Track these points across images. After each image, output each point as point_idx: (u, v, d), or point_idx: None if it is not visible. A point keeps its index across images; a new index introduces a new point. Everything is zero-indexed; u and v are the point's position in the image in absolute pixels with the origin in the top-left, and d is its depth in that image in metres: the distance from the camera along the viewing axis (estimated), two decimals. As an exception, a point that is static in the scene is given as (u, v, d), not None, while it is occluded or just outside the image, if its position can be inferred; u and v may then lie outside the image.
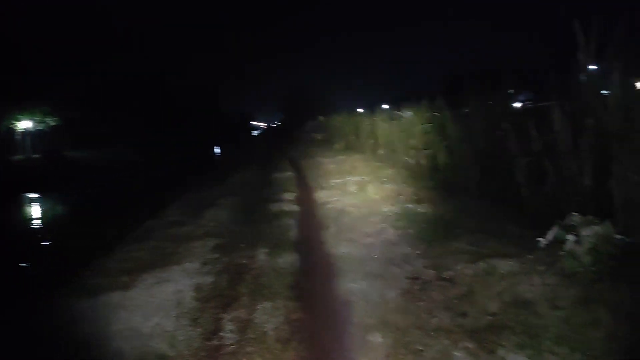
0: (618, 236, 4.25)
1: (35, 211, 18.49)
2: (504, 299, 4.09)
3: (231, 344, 3.72)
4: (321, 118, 35.98)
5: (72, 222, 13.66)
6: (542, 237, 4.83)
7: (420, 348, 3.38)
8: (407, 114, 13.70)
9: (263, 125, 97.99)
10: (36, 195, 21.27)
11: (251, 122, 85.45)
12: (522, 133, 6.98)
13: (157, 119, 41.34)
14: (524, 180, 6.71)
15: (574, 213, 4.60)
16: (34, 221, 16.33)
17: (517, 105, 11.63)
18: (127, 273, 5.44)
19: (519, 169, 6.71)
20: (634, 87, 4.94)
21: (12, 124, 33.95)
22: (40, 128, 35.28)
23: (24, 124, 34.47)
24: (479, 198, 7.98)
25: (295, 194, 10.85)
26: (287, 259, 5.74)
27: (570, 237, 4.48)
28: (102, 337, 3.85)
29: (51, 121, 35.12)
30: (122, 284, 5.07)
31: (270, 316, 4.14)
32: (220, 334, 3.90)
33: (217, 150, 41.55)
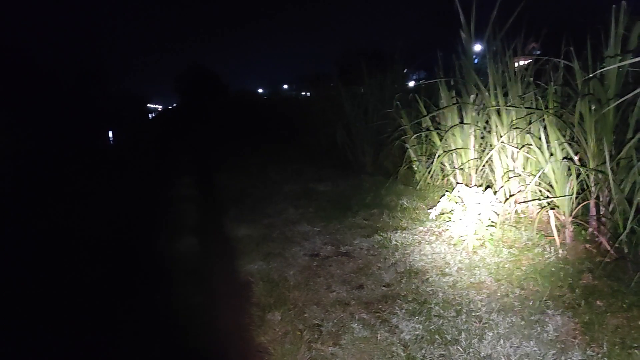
0: (498, 204, 4.58)
1: None
2: (398, 269, 4.27)
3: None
4: (220, 99, 35.17)
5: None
6: (432, 209, 5.09)
7: (318, 323, 3.43)
8: (307, 93, 13.77)
9: (159, 107, 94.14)
10: None
11: (147, 105, 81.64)
12: (413, 110, 7.29)
13: (41, 104, 38.06)
14: (414, 155, 7.02)
15: (460, 183, 4.88)
16: None
17: (412, 83, 12.07)
18: None
19: (410, 145, 7.00)
20: (510, 65, 5.28)
21: None
22: None
23: None
24: (375, 174, 8.24)
25: (194, 177, 10.58)
26: (185, 244, 5.59)
27: (457, 207, 4.76)
28: None
29: None
30: None
31: (167, 302, 4.02)
32: (113, 325, 3.72)
33: (110, 134, 39.22)
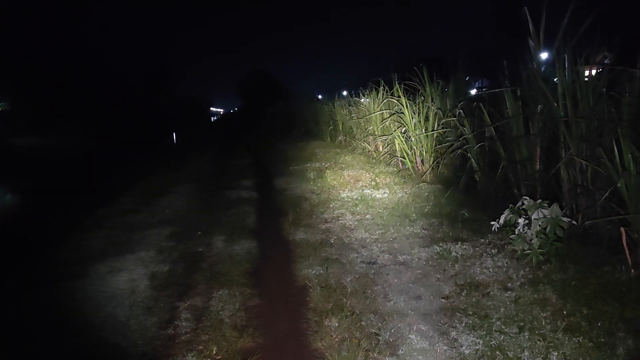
0: (565, 219, 4.40)
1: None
2: (458, 281, 4.19)
3: (186, 332, 3.67)
4: (280, 104, 35.65)
5: (21, 211, 13.16)
6: (495, 221, 4.95)
7: (375, 332, 3.41)
8: (365, 100, 13.75)
9: (221, 111, 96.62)
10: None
11: (210, 109, 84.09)
12: (476, 118, 7.13)
13: (108, 104, 40.07)
14: (477, 165, 6.86)
15: (525, 197, 4.73)
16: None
17: (473, 91, 11.83)
18: (77, 263, 5.28)
19: (472, 154, 6.86)
20: (581, 74, 5.08)
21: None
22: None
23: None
24: (434, 183, 8.11)
25: (253, 181, 10.77)
26: (245, 246, 5.70)
27: (521, 221, 4.61)
28: (51, 329, 3.73)
29: (-1, 106, 33.65)
30: (72, 274, 4.91)
31: (226, 303, 4.11)
32: (176, 322, 3.84)
33: (174, 136, 40.70)
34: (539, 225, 4.39)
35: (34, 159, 25.32)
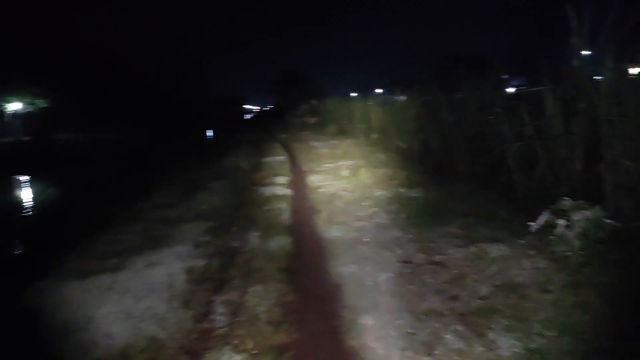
0: (608, 220, 4.28)
1: (24, 193, 18.34)
2: (495, 282, 4.12)
3: (222, 326, 3.72)
4: (314, 102, 35.76)
5: (60, 204, 13.57)
6: (533, 222, 4.86)
7: (411, 331, 3.39)
8: (400, 98, 13.66)
9: (255, 109, 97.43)
10: (25, 177, 21.10)
11: (243, 106, 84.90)
12: (514, 117, 7.00)
13: (146, 102, 41.01)
14: (514, 165, 6.73)
15: (565, 197, 4.62)
16: (22, 203, 16.21)
17: (511, 90, 11.62)
18: (116, 255, 5.41)
19: (510, 153, 6.73)
20: (626, 72, 4.93)
21: (2, 105, 33.51)
22: (30, 110, 34.82)
23: (14, 106, 34.03)
24: (470, 182, 7.99)
25: (287, 178, 10.82)
26: (279, 242, 5.74)
27: (561, 222, 4.51)
28: (92, 320, 3.83)
29: (41, 103, 34.66)
30: (112, 267, 5.04)
31: (261, 299, 4.14)
32: (212, 316, 3.90)
33: (210, 133, 41.31)
34: (581, 227, 4.28)
35: (74, 154, 26.07)
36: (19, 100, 33.88)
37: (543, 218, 4.75)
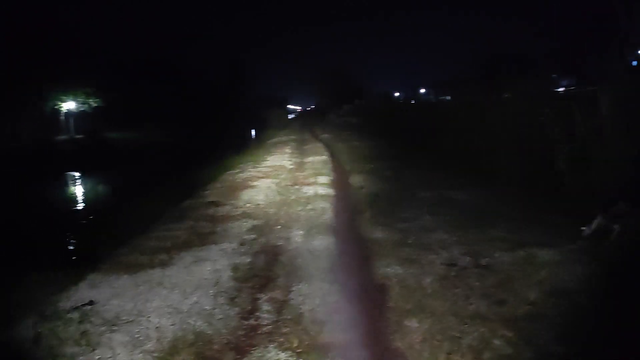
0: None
1: (77, 189, 19.09)
2: (544, 288, 4.01)
3: (268, 324, 3.77)
4: (357, 101, 35.70)
5: (112, 201, 14.06)
6: (585, 226, 4.70)
7: (457, 335, 3.34)
8: (446, 98, 13.47)
9: (298, 108, 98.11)
10: (78, 174, 21.95)
11: (287, 106, 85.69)
12: (564, 118, 6.79)
13: (193, 102, 42.01)
14: (565, 167, 6.53)
15: (620, 202, 4.45)
16: (75, 199, 16.88)
17: (560, 90, 11.29)
18: (165, 251, 5.56)
19: (561, 155, 6.54)
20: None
21: (57, 104, 34.94)
22: (83, 109, 36.16)
23: (68, 105, 35.42)
24: (516, 184, 7.80)
25: (329, 178, 10.85)
26: (323, 242, 5.76)
27: (616, 227, 4.35)
28: (142, 313, 3.95)
29: (93, 102, 35.94)
30: (161, 262, 5.18)
31: (305, 297, 4.17)
32: (257, 313, 3.96)
33: (254, 132, 41.91)
34: (636, 233, 4.12)
35: (125, 152, 26.92)
36: (73, 100, 35.23)
37: (596, 222, 4.59)
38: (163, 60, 42.04)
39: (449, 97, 12.92)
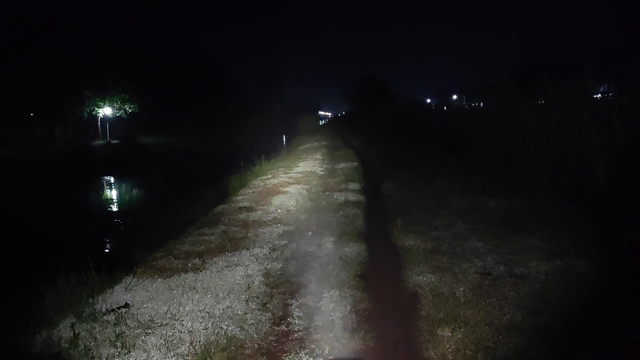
0: None
1: (112, 193, 19.54)
2: (581, 299, 3.91)
3: (299, 330, 3.78)
4: (388, 108, 35.57)
5: (145, 205, 14.33)
6: (625, 237, 4.57)
7: (491, 345, 3.29)
8: (479, 105, 13.30)
9: (329, 114, 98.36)
10: (114, 178, 22.47)
11: (319, 112, 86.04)
12: (603, 126, 6.63)
13: (226, 107, 42.61)
14: (604, 176, 6.37)
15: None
16: (110, 203, 17.28)
17: (597, 96, 11.02)
18: (198, 256, 5.63)
19: (599, 164, 6.38)
20: None
21: (94, 110, 35.93)
22: (119, 114, 37.09)
23: (105, 111, 36.39)
24: (552, 192, 7.64)
25: (360, 184, 10.83)
26: (354, 249, 5.75)
27: (657, 238, 4.21)
28: (176, 316, 4.01)
29: (129, 108, 36.82)
30: (194, 266, 5.26)
31: (337, 304, 4.17)
32: (289, 319, 3.97)
33: (284, 138, 42.19)
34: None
35: (159, 157, 27.44)
36: (109, 106, 36.18)
37: (635, 233, 4.46)
38: (198, 62, 42.77)
39: (481, 104, 12.72)
